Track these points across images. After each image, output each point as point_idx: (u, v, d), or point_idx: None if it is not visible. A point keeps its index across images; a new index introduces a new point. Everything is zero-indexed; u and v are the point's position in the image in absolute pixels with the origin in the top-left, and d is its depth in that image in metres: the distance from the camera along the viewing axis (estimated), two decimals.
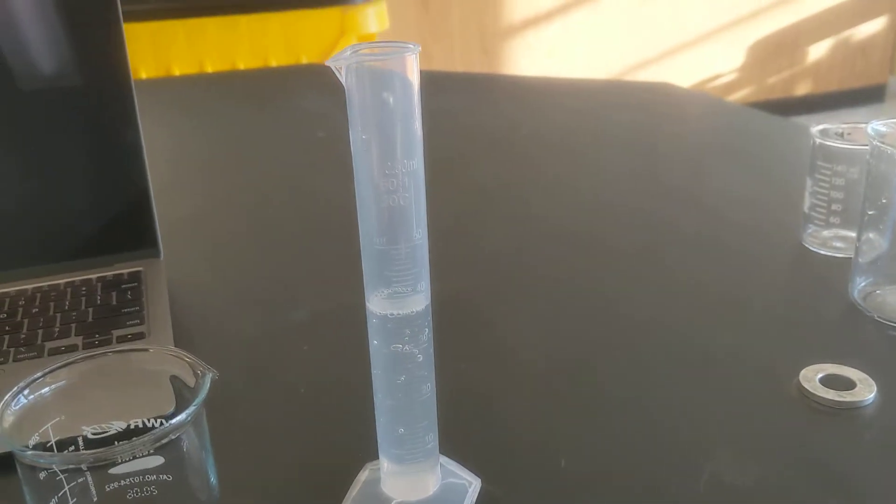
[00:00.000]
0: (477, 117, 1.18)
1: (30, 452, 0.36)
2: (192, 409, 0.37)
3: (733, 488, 0.44)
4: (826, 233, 0.70)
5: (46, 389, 0.39)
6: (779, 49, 3.88)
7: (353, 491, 0.44)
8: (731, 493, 0.44)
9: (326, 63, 0.36)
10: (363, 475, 0.45)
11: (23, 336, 0.60)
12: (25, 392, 0.37)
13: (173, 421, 0.36)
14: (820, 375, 0.52)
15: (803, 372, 0.52)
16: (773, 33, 3.84)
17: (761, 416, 0.50)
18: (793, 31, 3.86)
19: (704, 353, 0.57)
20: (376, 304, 0.39)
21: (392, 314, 0.39)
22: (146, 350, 0.41)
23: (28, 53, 0.66)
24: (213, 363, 0.40)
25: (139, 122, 0.69)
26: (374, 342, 0.40)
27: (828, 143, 0.68)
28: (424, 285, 0.39)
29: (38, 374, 0.38)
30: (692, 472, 0.45)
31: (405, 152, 0.37)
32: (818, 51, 3.96)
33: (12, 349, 0.58)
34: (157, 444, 0.37)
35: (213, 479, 0.41)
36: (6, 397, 0.37)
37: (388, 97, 0.36)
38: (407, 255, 0.38)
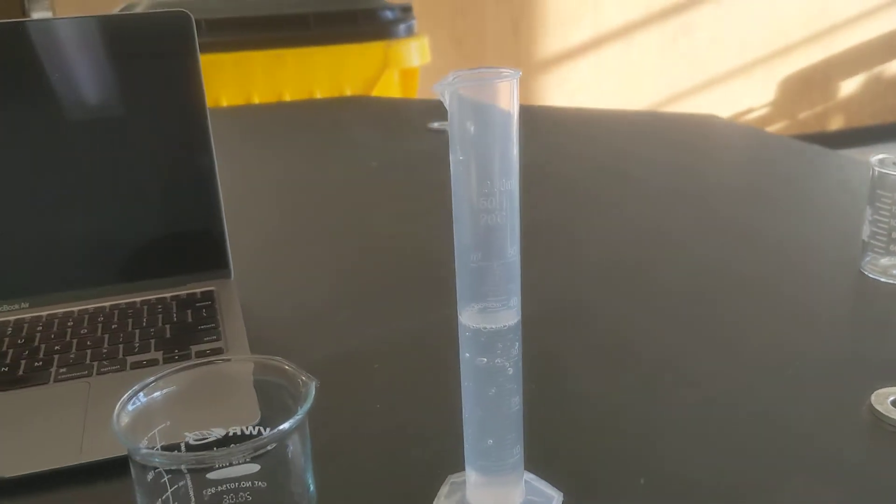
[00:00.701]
0: (523, 149, 1.20)
1: (144, 451, 0.37)
2: (296, 418, 0.38)
3: None
4: (885, 261, 0.71)
5: (158, 394, 0.40)
6: (810, 84, 3.89)
7: (440, 500, 0.45)
8: None
9: (432, 88, 0.38)
10: (445, 488, 0.47)
11: (104, 350, 0.62)
12: (140, 395, 0.39)
13: (282, 427, 0.37)
14: (892, 398, 0.53)
15: (874, 395, 0.53)
16: (804, 69, 3.85)
17: (835, 439, 0.51)
18: (824, 67, 3.87)
19: (772, 380, 0.58)
20: (469, 317, 0.41)
21: (485, 328, 0.41)
22: (250, 359, 0.43)
23: (108, 82, 0.69)
24: None
25: (213, 146, 0.72)
26: (465, 355, 0.42)
27: (887, 171, 0.69)
28: (516, 301, 0.41)
29: (151, 379, 0.40)
30: (769, 497, 0.46)
31: (503, 173, 0.38)
32: (850, 86, 3.96)
33: (96, 363, 0.60)
34: (256, 453, 0.39)
35: (311, 488, 0.42)
36: (123, 398, 0.39)
37: (488, 120, 0.38)
38: (501, 271, 0.40)
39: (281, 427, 0.37)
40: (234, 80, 1.73)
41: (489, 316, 0.40)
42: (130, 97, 0.70)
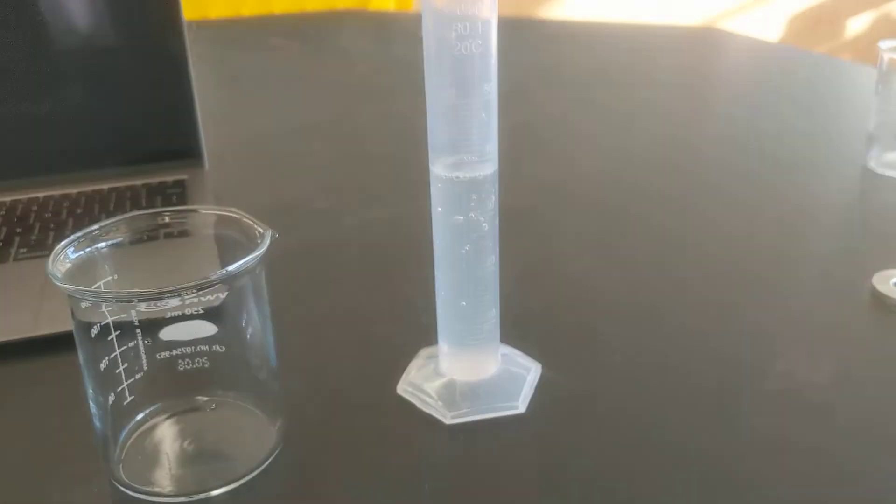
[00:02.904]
0: (521, 59, 1.15)
1: (74, 287, 0.34)
2: (247, 259, 0.35)
3: (808, 384, 0.42)
4: (891, 155, 0.67)
5: (101, 245, 0.37)
6: (818, 22, 3.79)
7: (410, 372, 0.43)
8: (806, 390, 0.42)
9: None
10: (418, 360, 0.44)
11: (68, 233, 0.58)
12: (80, 241, 0.36)
13: (228, 268, 0.34)
14: (894, 280, 0.50)
15: (876, 276, 0.50)
16: (812, 6, 3.75)
17: (835, 317, 0.48)
18: (832, 5, 3.77)
19: (773, 263, 0.55)
20: (442, 167, 0.38)
21: (458, 177, 0.37)
22: (200, 210, 0.39)
23: None
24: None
25: (185, 32, 0.68)
26: (438, 209, 0.39)
27: None
28: (493, 148, 0.37)
29: (94, 227, 0.37)
30: (763, 369, 0.43)
31: None
32: (858, 25, 3.86)
33: (57, 243, 0.57)
34: (208, 303, 0.36)
35: (272, 354, 0.39)
36: (60, 244, 0.36)
37: None
38: (477, 110, 0.36)
39: (230, 268, 0.34)
40: None
41: (464, 165, 0.37)
42: None
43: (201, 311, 0.36)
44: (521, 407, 0.40)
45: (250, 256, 0.34)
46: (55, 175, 0.67)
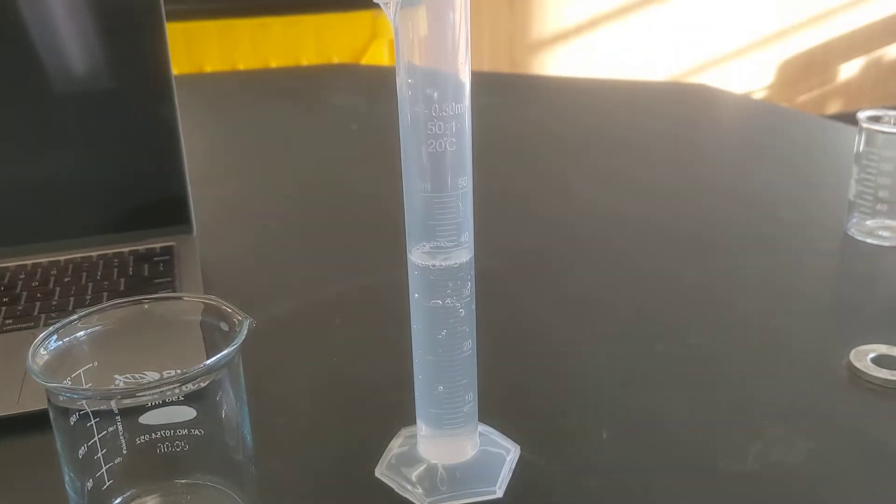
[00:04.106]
0: (514, 116, 1.17)
1: (54, 385, 0.34)
2: (226, 352, 0.35)
3: (783, 465, 0.42)
4: (871, 222, 0.68)
5: (81, 334, 0.38)
6: (809, 68, 3.84)
7: (389, 455, 0.43)
8: (781, 470, 0.42)
9: (375, 0, 0.35)
10: (397, 440, 0.44)
11: (54, 303, 0.59)
12: (60, 332, 0.37)
13: (207, 362, 0.34)
14: (871, 356, 0.50)
15: (853, 352, 0.51)
16: (803, 52, 3.81)
17: (811, 394, 0.48)
18: (823, 50, 3.83)
19: (752, 335, 0.55)
20: (418, 255, 0.38)
21: (434, 266, 0.38)
22: (181, 298, 0.40)
23: (69, 33, 0.66)
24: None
25: (175, 99, 0.69)
26: (415, 295, 0.39)
27: (876, 128, 0.66)
28: (468, 237, 0.38)
29: (73, 317, 0.37)
30: (741, 448, 0.44)
31: (453, 95, 0.36)
32: (849, 70, 3.92)
33: (43, 315, 0.57)
34: (188, 390, 0.36)
35: (248, 437, 0.39)
36: (39, 336, 0.36)
37: (437, 37, 0.35)
38: (451, 202, 0.37)
39: (209, 362, 0.34)
40: (218, 48, 1.69)
41: (440, 253, 0.38)
42: (90, 48, 0.67)
43: (181, 398, 0.36)
44: (498, 492, 0.40)
45: (230, 349, 0.35)
46: (43, 242, 0.67)
